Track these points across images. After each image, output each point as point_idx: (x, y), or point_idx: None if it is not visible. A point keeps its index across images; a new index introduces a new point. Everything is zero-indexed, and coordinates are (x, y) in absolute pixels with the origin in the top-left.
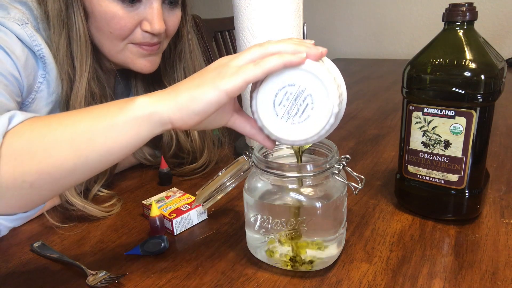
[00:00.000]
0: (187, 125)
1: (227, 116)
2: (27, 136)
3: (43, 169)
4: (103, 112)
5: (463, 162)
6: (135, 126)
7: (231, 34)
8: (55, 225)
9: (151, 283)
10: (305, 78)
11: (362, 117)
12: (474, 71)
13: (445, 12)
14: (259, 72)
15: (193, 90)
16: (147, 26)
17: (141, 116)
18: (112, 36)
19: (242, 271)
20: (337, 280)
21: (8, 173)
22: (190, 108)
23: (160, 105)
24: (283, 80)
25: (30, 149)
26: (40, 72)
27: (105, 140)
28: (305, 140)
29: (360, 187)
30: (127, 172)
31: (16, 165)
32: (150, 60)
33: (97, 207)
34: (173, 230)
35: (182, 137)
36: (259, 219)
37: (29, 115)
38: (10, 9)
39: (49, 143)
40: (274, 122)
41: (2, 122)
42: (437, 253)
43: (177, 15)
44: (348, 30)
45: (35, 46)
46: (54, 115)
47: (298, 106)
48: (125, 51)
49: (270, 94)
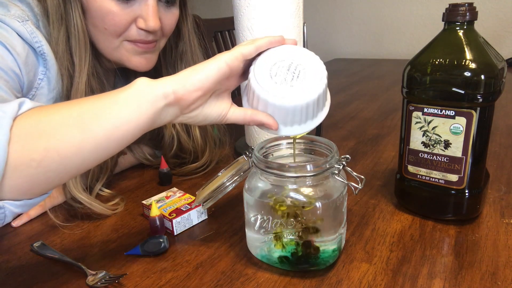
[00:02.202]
0: (190, 96)
1: (226, 104)
2: (36, 117)
3: (50, 146)
4: (109, 93)
5: (463, 162)
6: (137, 99)
7: (231, 34)
8: (57, 223)
9: (151, 283)
10: (291, 53)
11: (362, 117)
12: (474, 71)
13: (445, 12)
14: (251, 47)
15: (194, 66)
16: (142, 23)
17: (142, 90)
18: (107, 32)
19: (242, 271)
20: (337, 280)
21: (16, 152)
22: (191, 77)
23: (162, 80)
24: (273, 58)
25: (38, 128)
26: (41, 68)
27: (110, 115)
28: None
29: (360, 187)
30: (127, 172)
31: (25, 144)
32: (146, 57)
33: (102, 204)
34: (173, 230)
35: (183, 137)
36: (259, 219)
37: (38, 103)
38: (10, 6)
39: (56, 121)
40: (274, 89)
41: (13, 107)
42: (437, 253)
43: (174, 14)
44: (348, 30)
45: (36, 43)
46: (62, 103)
47: (292, 74)
48: (120, 48)
49: (266, 69)
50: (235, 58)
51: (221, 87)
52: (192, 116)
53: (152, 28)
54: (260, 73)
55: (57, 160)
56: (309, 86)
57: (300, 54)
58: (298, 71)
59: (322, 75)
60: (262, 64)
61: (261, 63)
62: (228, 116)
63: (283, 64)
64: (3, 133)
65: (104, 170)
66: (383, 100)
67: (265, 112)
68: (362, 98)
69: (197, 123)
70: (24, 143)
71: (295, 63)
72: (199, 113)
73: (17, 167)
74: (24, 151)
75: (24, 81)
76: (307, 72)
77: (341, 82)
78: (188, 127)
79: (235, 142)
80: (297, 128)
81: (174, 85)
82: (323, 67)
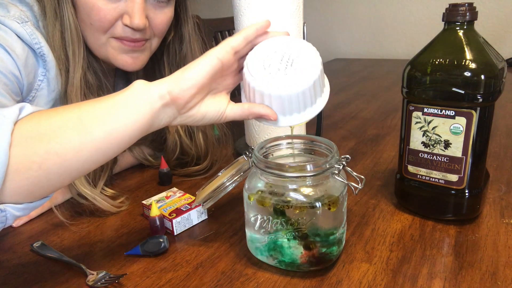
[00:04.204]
0: (185, 94)
1: (223, 102)
2: (36, 121)
3: (51, 148)
4: (107, 96)
5: (463, 162)
6: (134, 101)
7: (231, 34)
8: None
9: (151, 283)
10: (284, 44)
11: (362, 117)
12: (474, 71)
13: (445, 12)
14: (239, 37)
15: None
16: (127, 20)
17: (139, 92)
18: (93, 28)
19: (242, 271)
20: (337, 280)
21: (18, 156)
22: (184, 75)
23: (157, 82)
24: (266, 50)
25: (39, 131)
26: (41, 70)
27: (108, 117)
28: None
29: (360, 187)
30: (127, 172)
31: (26, 147)
32: (133, 56)
33: (107, 200)
34: (173, 230)
35: (186, 142)
36: (259, 219)
37: (38, 108)
38: (10, 7)
39: (56, 124)
40: (268, 80)
41: (13, 112)
42: (437, 253)
43: (166, 14)
44: (348, 30)
45: (35, 44)
46: (61, 107)
47: (286, 63)
48: (106, 45)
49: (259, 61)
50: (225, 51)
51: (218, 86)
52: (190, 115)
53: (136, 26)
54: (253, 66)
55: (58, 162)
56: (304, 73)
57: (293, 44)
58: (292, 60)
59: (316, 62)
60: (255, 56)
61: (253, 56)
62: (226, 113)
63: (276, 55)
64: (4, 137)
65: (105, 168)
66: (383, 100)
67: (262, 104)
68: (362, 98)
69: (195, 122)
70: (25, 146)
71: (288, 52)
72: (197, 111)
73: (19, 170)
74: (25, 154)
75: (23, 83)
76: (300, 60)
77: (341, 82)
78: (190, 132)
79: (235, 142)
80: (297, 116)
81: (169, 86)
82: (317, 53)
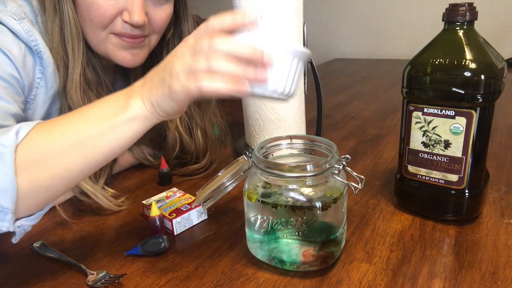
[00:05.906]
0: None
1: None
2: (36, 146)
3: (56, 173)
4: (101, 115)
5: (463, 162)
6: (133, 125)
7: None
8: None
9: (151, 283)
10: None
11: (362, 117)
12: (474, 71)
13: (445, 12)
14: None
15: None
16: (127, 17)
17: (136, 117)
18: (92, 24)
19: (242, 271)
20: (337, 280)
21: (25, 182)
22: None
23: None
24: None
25: (42, 158)
26: (38, 67)
27: (107, 142)
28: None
29: (360, 187)
30: (127, 172)
31: (32, 173)
32: (132, 53)
33: (108, 197)
34: (173, 230)
35: (186, 139)
36: (259, 219)
37: (32, 124)
38: (7, 2)
39: (57, 150)
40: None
41: (11, 137)
42: (437, 253)
43: (166, 11)
44: (348, 30)
45: (32, 41)
46: (55, 122)
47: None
48: (106, 41)
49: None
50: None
51: None
52: None
53: (135, 22)
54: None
55: (63, 183)
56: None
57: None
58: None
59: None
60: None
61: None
62: None
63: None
64: (9, 167)
65: (104, 167)
66: (383, 100)
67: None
68: (362, 98)
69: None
70: (31, 173)
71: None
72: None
73: (28, 194)
74: (32, 180)
75: (24, 83)
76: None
77: (341, 82)
78: (190, 129)
79: (235, 142)
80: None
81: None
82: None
